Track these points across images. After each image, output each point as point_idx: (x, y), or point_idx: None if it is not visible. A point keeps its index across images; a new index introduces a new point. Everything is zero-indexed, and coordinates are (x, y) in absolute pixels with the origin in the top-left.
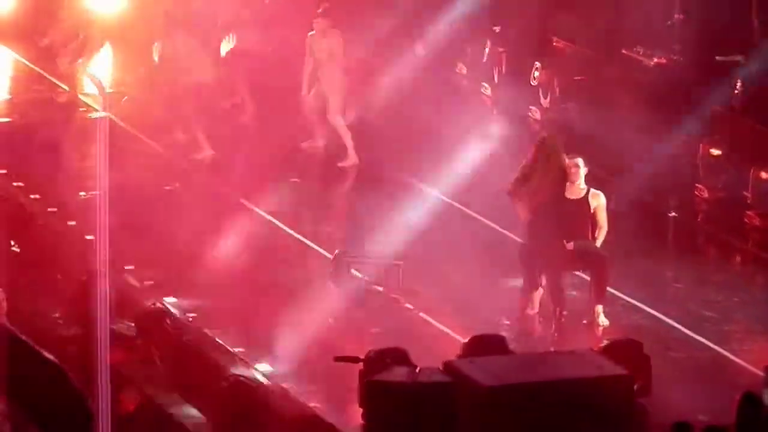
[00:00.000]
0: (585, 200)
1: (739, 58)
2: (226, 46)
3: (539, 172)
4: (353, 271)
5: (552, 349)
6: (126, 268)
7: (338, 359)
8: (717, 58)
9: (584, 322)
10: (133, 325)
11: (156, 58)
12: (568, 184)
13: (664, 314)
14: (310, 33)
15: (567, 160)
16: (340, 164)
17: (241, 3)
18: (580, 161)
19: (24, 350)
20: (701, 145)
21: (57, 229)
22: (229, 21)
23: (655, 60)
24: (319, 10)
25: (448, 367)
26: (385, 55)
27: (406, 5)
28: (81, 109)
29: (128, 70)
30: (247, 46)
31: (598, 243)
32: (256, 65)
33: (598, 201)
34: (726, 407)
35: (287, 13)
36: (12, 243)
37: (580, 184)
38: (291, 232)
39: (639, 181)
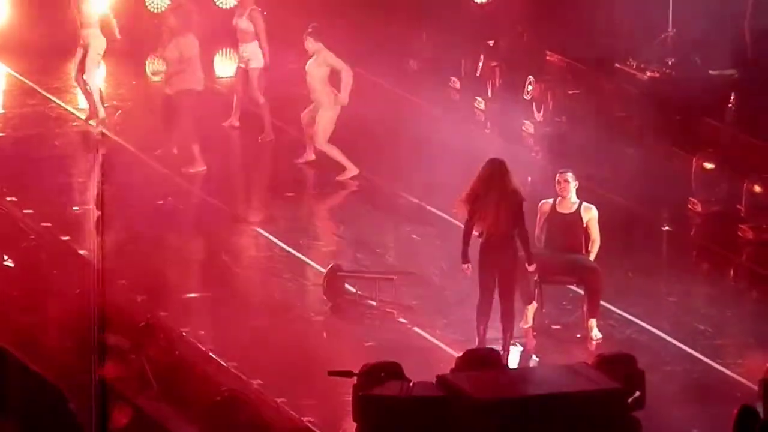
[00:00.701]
0: (577, 214)
1: (732, 71)
2: (231, 61)
3: (490, 197)
4: (347, 286)
5: (545, 363)
6: (119, 282)
7: (332, 373)
8: (710, 71)
9: (578, 336)
10: (126, 339)
11: (149, 72)
12: (559, 199)
13: (657, 328)
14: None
15: (513, 186)
16: (338, 178)
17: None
18: (570, 175)
19: (14, 365)
20: (694, 158)
21: (50, 243)
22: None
23: (648, 74)
24: (308, 30)
25: (442, 381)
26: (378, 70)
27: (400, 19)
28: (74, 123)
29: (121, 84)
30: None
31: (592, 257)
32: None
33: (591, 214)
34: (720, 421)
35: (284, 27)
36: (5, 258)
37: (572, 197)
38: (284, 246)
39: (632, 195)
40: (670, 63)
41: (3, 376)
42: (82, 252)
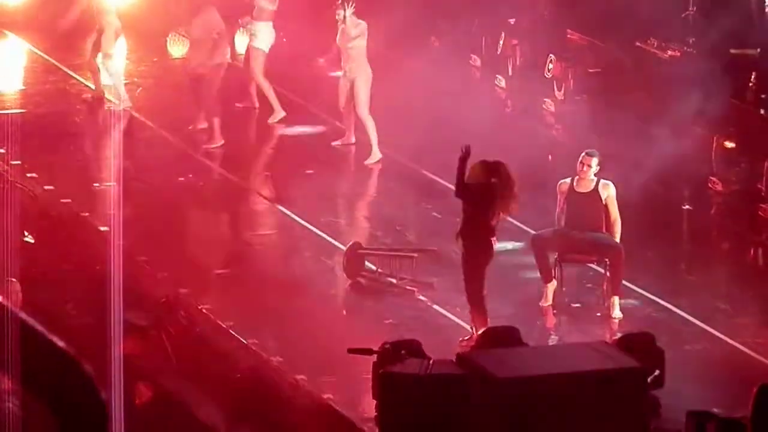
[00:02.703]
0: (595, 192)
1: (753, 51)
2: (243, 41)
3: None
4: (367, 263)
5: (565, 341)
6: (140, 259)
7: (352, 351)
8: (731, 50)
9: (598, 314)
10: (146, 315)
11: (170, 50)
12: (577, 178)
13: (677, 307)
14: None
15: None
16: (366, 162)
17: None
18: (593, 161)
19: (38, 340)
20: (715, 137)
21: (71, 220)
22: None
23: (669, 52)
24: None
25: (462, 359)
26: (400, 47)
27: None
28: (92, 99)
29: (142, 61)
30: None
31: (617, 237)
32: (271, 59)
33: (608, 191)
34: (740, 400)
35: (299, 6)
36: (26, 234)
37: (590, 176)
38: (305, 223)
39: (653, 174)
40: (691, 42)
41: (25, 349)
42: (102, 228)
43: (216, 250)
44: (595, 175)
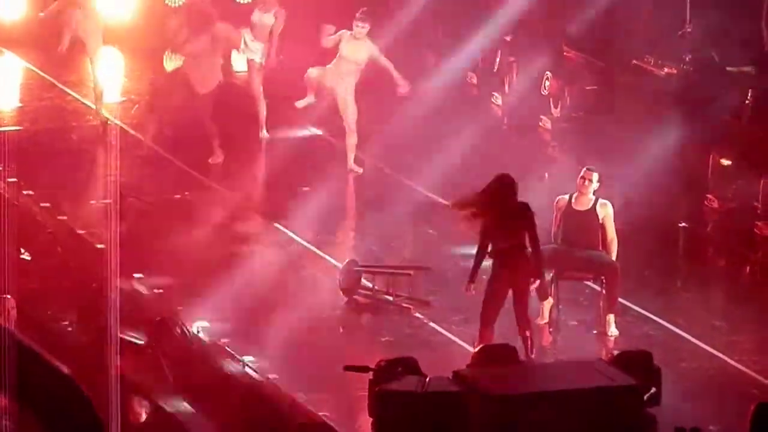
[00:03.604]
0: (593, 211)
1: (749, 68)
2: (241, 58)
3: (495, 211)
4: (363, 280)
5: (562, 359)
6: (136, 276)
7: (348, 368)
8: (727, 68)
9: (594, 332)
10: (143, 333)
11: (167, 66)
12: (576, 194)
13: (674, 325)
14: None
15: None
16: (354, 168)
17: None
18: (594, 176)
19: (33, 358)
20: (711, 155)
21: (67, 237)
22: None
23: (666, 70)
24: (361, 14)
25: (458, 376)
26: (395, 64)
27: (417, 14)
28: (90, 118)
29: (139, 78)
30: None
31: (613, 256)
32: (268, 76)
33: (606, 211)
34: (736, 418)
35: (295, 24)
36: (22, 251)
37: (589, 194)
38: (301, 241)
39: (649, 191)
40: (687, 59)
41: (20, 367)
42: (98, 246)
43: (212, 267)
44: (594, 193)
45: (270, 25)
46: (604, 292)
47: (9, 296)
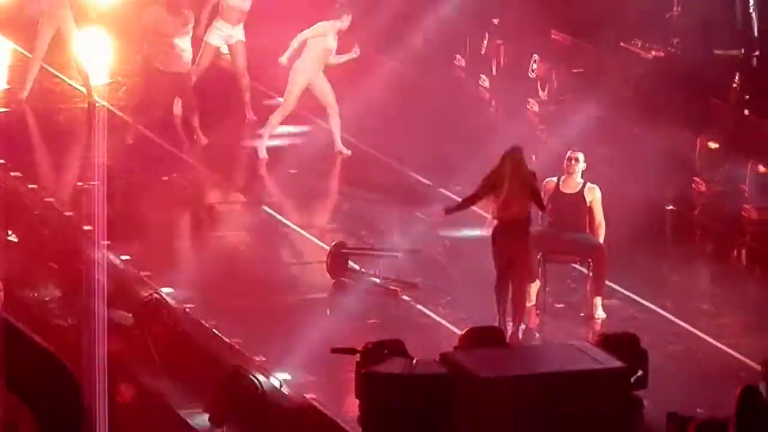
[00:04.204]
0: (581, 194)
1: (737, 51)
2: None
3: (507, 184)
4: (350, 263)
5: (548, 341)
6: (123, 258)
7: (335, 350)
8: (715, 51)
9: (581, 314)
10: (130, 315)
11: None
12: (564, 176)
13: (661, 307)
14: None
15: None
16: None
17: None
18: (580, 156)
19: (20, 339)
20: (699, 138)
21: (54, 219)
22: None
23: (653, 53)
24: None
25: (445, 358)
26: (384, 47)
27: None
28: (77, 99)
29: (126, 60)
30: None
31: (600, 240)
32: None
33: (594, 195)
34: (723, 400)
35: (281, 5)
36: (9, 233)
37: (577, 177)
38: (288, 223)
39: (636, 174)
40: (675, 42)
41: (7, 349)
42: (85, 227)
43: (199, 249)
44: (582, 176)
45: (244, 9)
46: (591, 274)
47: None
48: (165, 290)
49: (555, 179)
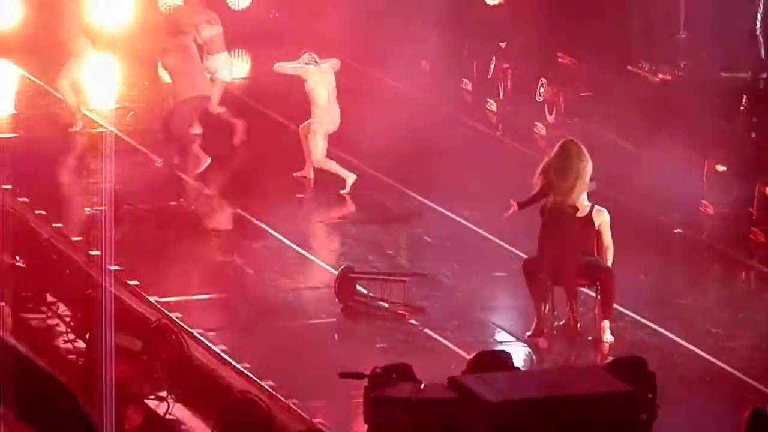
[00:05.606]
0: (589, 217)
1: (744, 74)
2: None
3: (555, 175)
4: (358, 287)
5: (557, 365)
6: (130, 283)
7: (343, 375)
8: (722, 73)
9: (589, 338)
10: (137, 340)
11: (162, 73)
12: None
13: (669, 331)
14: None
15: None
16: (342, 192)
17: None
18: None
19: (27, 365)
20: (706, 161)
21: (62, 244)
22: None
23: (660, 76)
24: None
25: (453, 382)
26: (390, 71)
27: (411, 20)
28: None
29: (134, 85)
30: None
31: (609, 263)
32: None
33: (602, 218)
34: (731, 423)
35: (284, 32)
36: (17, 258)
37: (584, 200)
38: (296, 247)
39: (644, 198)
40: (682, 65)
41: (14, 375)
42: (93, 252)
43: (208, 274)
44: (590, 200)
45: (219, 35)
46: (599, 297)
47: (3, 304)
48: (173, 315)
49: None
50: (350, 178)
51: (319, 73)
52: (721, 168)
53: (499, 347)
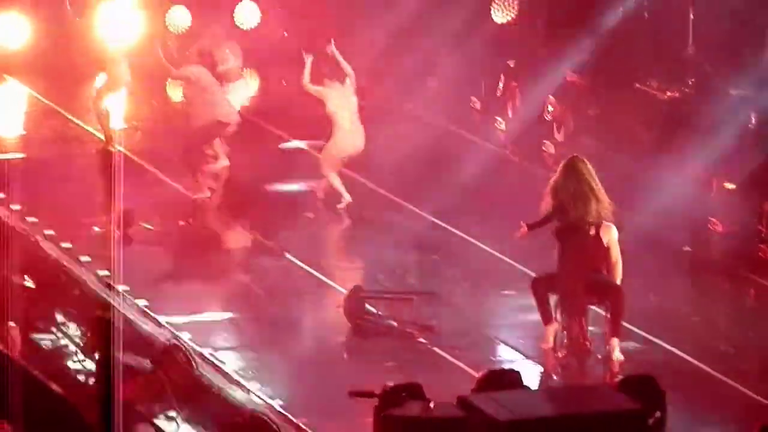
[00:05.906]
0: (597, 234)
1: (752, 91)
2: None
3: (565, 195)
4: (368, 306)
5: (566, 384)
6: (140, 303)
7: (353, 394)
8: (730, 91)
9: (599, 356)
10: (148, 360)
11: (170, 92)
12: None
13: (678, 349)
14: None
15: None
16: (339, 206)
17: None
18: None
19: (36, 386)
20: (715, 179)
21: (70, 264)
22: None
23: (668, 94)
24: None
25: (463, 401)
26: (400, 90)
27: (421, 39)
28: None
29: (142, 104)
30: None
31: (617, 280)
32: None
33: (611, 234)
34: None
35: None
36: (26, 278)
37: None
38: (305, 267)
39: (653, 216)
40: (689, 83)
41: (24, 395)
42: (102, 272)
43: (217, 294)
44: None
45: (235, 65)
46: (608, 315)
47: (13, 324)
48: (183, 335)
49: None
50: (345, 198)
51: (341, 97)
52: (729, 186)
53: (509, 366)
